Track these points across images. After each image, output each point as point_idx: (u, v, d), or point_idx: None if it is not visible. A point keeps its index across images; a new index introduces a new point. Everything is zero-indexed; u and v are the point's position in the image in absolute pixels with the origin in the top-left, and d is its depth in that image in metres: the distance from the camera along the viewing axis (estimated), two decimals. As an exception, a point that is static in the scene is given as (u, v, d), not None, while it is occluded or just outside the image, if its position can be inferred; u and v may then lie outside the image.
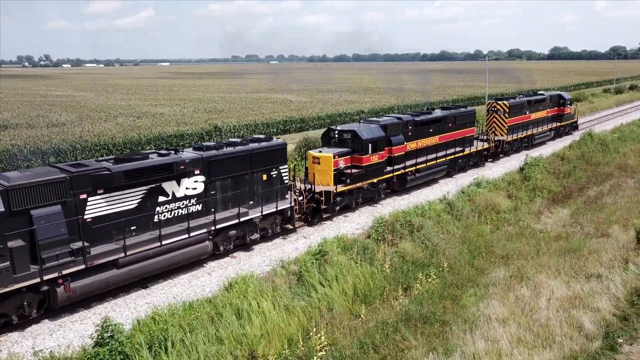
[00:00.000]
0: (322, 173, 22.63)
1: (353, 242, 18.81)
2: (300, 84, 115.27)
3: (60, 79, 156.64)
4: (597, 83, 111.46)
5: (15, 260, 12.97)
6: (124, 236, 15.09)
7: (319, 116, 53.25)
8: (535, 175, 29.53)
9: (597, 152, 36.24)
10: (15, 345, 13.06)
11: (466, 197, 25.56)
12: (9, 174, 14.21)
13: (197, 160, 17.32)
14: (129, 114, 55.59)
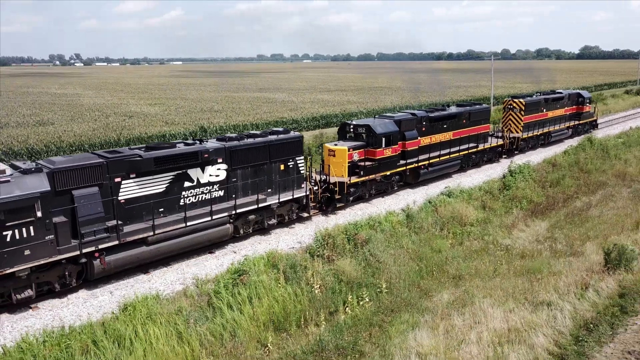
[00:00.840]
0: (337, 165, 23.92)
1: (283, 258, 17.42)
2: (306, 83, 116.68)
3: (77, 78, 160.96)
4: (621, 84, 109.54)
5: (59, 234, 14.67)
6: (152, 217, 16.70)
7: (314, 117, 52.98)
8: (516, 184, 28.03)
9: (595, 159, 34.64)
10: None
11: (432, 207, 24.04)
12: (54, 158, 15.95)
13: (220, 150, 18.82)
14: (123, 113, 56.45)
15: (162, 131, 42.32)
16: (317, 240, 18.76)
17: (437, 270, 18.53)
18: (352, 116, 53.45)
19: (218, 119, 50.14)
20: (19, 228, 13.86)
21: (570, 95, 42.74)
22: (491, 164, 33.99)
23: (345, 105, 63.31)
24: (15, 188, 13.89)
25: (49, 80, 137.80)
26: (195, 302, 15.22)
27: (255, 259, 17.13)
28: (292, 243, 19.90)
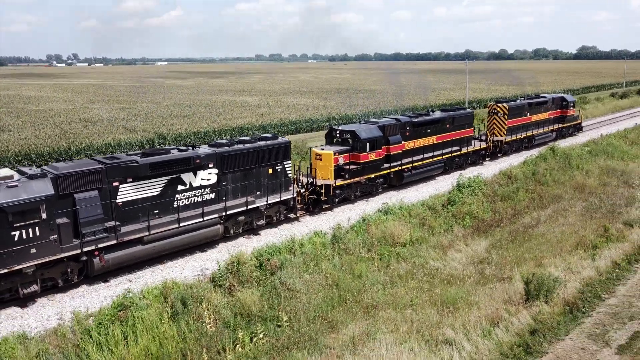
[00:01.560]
0: (323, 168, 25.31)
1: (178, 288, 16.25)
2: (288, 85, 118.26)
3: (63, 79, 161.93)
4: (609, 86, 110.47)
5: (62, 234, 16.03)
6: (148, 218, 18.06)
7: (283, 122, 52.86)
8: (463, 199, 26.75)
9: (556, 170, 33.62)
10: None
11: (365, 225, 22.71)
12: (57, 164, 17.30)
13: (212, 155, 20.20)
14: (88, 118, 55.80)
15: (117, 139, 41.92)
16: (220, 270, 17.37)
17: (352, 298, 16.88)
18: (321, 122, 54.56)
19: (182, 125, 50.19)
20: (26, 229, 15.22)
21: (554, 99, 44.22)
22: (475, 166, 35.42)
23: (321, 110, 63.51)
24: (22, 192, 15.24)
25: (32, 82, 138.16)
26: (62, 343, 13.71)
27: (147, 289, 16.08)
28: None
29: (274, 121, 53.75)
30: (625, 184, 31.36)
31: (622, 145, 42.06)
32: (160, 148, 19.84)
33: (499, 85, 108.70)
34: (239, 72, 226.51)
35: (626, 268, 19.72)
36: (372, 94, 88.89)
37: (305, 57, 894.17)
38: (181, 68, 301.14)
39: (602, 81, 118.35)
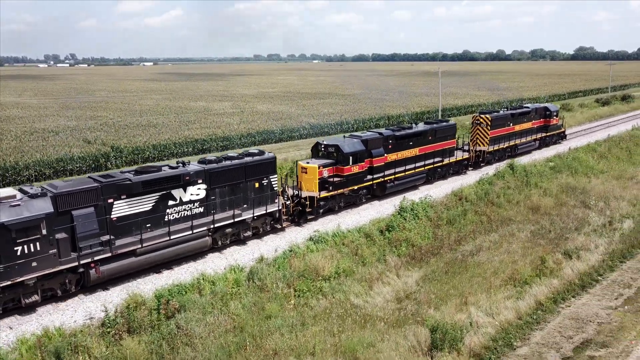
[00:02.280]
0: (309, 181, 26.78)
1: (57, 337, 15.13)
2: (271, 89, 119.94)
3: (48, 82, 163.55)
4: (597, 90, 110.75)
5: (61, 248, 17.46)
6: (140, 232, 19.50)
7: (250, 133, 51.57)
8: (404, 224, 25.51)
9: (511, 189, 32.59)
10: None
11: (288, 257, 21.30)
12: (56, 182, 18.74)
13: (200, 172, 21.64)
14: (50, 129, 54.38)
15: (71, 153, 40.42)
16: (108, 317, 16.22)
17: (254, 344, 15.29)
18: (289, 132, 54.23)
19: (145, 137, 48.94)
20: (28, 244, 16.65)
21: (537, 109, 45.71)
22: (458, 175, 36.88)
23: (294, 118, 63.08)
24: (25, 210, 16.68)
25: (17, 85, 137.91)
26: None
27: (21, 339, 15.06)
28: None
29: (240, 132, 52.31)
30: (582, 204, 31.10)
31: (589, 160, 41.81)
32: (152, 165, 21.21)
33: (477, 90, 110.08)
34: (228, 73, 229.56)
35: (549, 309, 18.92)
36: (349, 99, 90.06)
37: (304, 57, 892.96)
38: (170, 69, 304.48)
39: (591, 85, 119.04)
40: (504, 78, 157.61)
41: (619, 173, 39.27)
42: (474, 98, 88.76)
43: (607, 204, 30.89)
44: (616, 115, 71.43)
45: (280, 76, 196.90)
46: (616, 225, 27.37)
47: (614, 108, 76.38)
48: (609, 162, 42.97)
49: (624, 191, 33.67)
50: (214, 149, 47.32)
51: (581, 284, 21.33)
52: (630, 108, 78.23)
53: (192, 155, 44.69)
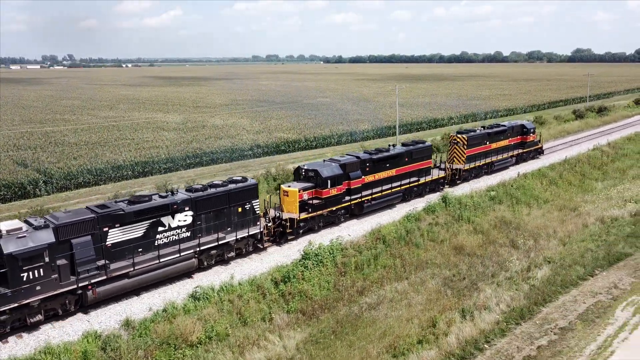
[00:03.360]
0: (290, 203, 29.09)
1: None
2: (244, 96, 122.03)
3: (35, 85, 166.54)
4: (579, 99, 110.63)
5: (61, 273, 19.77)
6: (133, 256, 21.81)
7: (170, 158, 48.37)
8: (303, 273, 23.69)
9: (437, 226, 31.41)
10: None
11: (161, 318, 20.04)
12: (57, 214, 21.07)
13: (187, 200, 23.96)
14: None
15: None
16: None
17: None
18: (230, 153, 52.71)
19: (83, 160, 46.70)
20: (32, 270, 18.96)
21: (514, 127, 48.06)
22: (434, 193, 39.16)
23: (245, 135, 61.56)
24: (30, 241, 18.99)
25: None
26: None
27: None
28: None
29: (160, 156, 49.17)
30: (511, 242, 30.63)
31: (537, 187, 41.35)
32: (143, 195, 23.51)
33: (446, 98, 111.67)
34: (213, 77, 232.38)
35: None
36: (315, 108, 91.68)
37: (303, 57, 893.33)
38: (158, 72, 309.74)
39: (575, 93, 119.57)
40: (489, 85, 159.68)
41: (564, 202, 39.02)
42: (438, 111, 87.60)
43: (537, 243, 30.67)
44: (585, 130, 70.25)
45: (265, 80, 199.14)
46: (532, 273, 26.30)
47: (585, 123, 75.06)
48: (559, 188, 42.66)
49: (560, 226, 33.70)
50: (156, 172, 46.20)
51: (461, 355, 19.24)
52: (602, 122, 77.56)
53: (132, 179, 44.23)
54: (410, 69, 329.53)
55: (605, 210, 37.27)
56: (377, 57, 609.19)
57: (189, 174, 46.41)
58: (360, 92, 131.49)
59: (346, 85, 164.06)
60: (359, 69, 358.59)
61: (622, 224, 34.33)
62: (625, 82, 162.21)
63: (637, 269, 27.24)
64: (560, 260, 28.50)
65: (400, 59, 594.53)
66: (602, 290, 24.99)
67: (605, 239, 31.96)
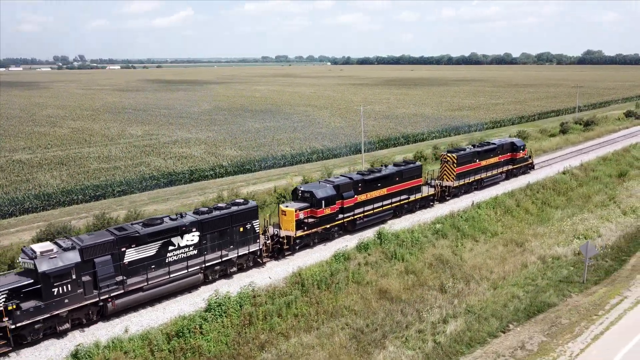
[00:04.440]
0: (287, 222, 32.18)
1: None
2: (228, 102, 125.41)
3: (31, 90, 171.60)
4: (572, 109, 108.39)
5: (86, 288, 23.02)
6: (146, 272, 25.02)
7: (153, 176, 48.33)
8: (200, 326, 22.72)
9: (366, 266, 30.07)
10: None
11: None
12: (82, 236, 24.33)
13: (195, 222, 27.13)
14: None
15: None
16: None
17: None
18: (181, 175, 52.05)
19: (29, 185, 46.51)
20: (62, 286, 22.22)
21: (504, 144, 50.72)
22: (425, 209, 42.03)
23: (199, 158, 59.98)
24: (59, 261, 22.26)
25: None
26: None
27: None
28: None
29: (114, 179, 48.95)
30: (440, 286, 29.48)
31: (489, 218, 40.08)
32: (156, 218, 26.69)
33: (434, 107, 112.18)
34: (208, 81, 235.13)
35: None
36: (285, 118, 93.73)
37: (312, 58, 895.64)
38: (152, 75, 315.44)
39: (570, 103, 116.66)
40: (486, 91, 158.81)
41: (513, 236, 37.75)
42: (420, 124, 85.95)
43: (468, 286, 29.54)
44: (564, 148, 68.22)
45: (259, 85, 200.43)
46: (443, 327, 25.02)
47: (565, 139, 72.84)
48: (514, 218, 41.69)
49: (499, 265, 32.70)
50: (109, 195, 46.22)
51: None
52: (584, 138, 75.26)
53: (82, 204, 44.00)
54: (415, 72, 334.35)
55: (550, 247, 36.11)
56: (385, 59, 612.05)
57: (142, 197, 46.20)
58: (350, 100, 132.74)
59: (339, 91, 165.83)
60: (363, 71, 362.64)
61: (561, 264, 33.44)
62: (626, 89, 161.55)
63: (553, 324, 25.69)
64: (480, 310, 26.90)
65: (409, 61, 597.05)
66: (506, 351, 23.25)
67: (537, 283, 30.70)
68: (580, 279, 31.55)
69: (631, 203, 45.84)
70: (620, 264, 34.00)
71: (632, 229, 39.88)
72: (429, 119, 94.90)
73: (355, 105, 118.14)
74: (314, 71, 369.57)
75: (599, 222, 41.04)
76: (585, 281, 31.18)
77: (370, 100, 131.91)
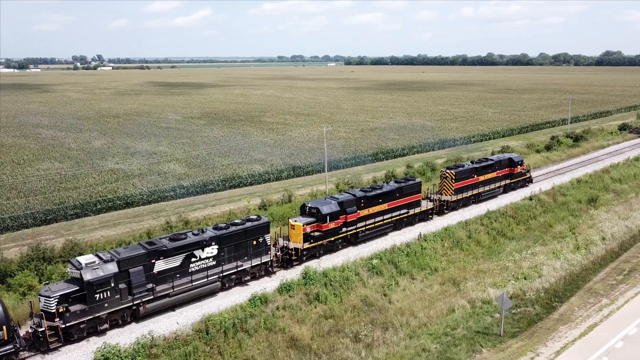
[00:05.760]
0: (295, 235, 35.98)
1: None
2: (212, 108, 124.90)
3: (41, 92, 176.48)
4: (571, 119, 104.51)
5: (122, 294, 27.10)
6: (172, 280, 29.02)
7: (77, 204, 46.19)
8: None
9: (283, 310, 28.79)
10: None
11: None
12: (119, 250, 28.41)
13: (214, 237, 31.06)
14: None
15: None
16: None
17: None
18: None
19: None
20: (102, 292, 26.31)
21: (502, 160, 53.87)
22: (424, 222, 45.50)
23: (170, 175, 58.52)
24: (100, 271, 26.35)
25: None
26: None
27: None
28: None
29: (68, 202, 47.64)
30: (355, 334, 27.63)
31: (434, 252, 38.28)
32: (181, 233, 30.69)
33: (427, 116, 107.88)
34: (210, 84, 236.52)
35: None
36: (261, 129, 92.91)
37: (328, 58, 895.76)
38: (161, 76, 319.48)
39: (565, 114, 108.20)
40: (486, 98, 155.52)
41: (453, 273, 35.82)
42: (402, 139, 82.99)
43: (384, 334, 27.88)
44: (543, 167, 66.04)
45: (258, 89, 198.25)
46: None
47: (546, 157, 69.89)
48: (463, 251, 39.86)
49: (425, 310, 30.57)
50: (62, 219, 45.09)
51: None
52: (568, 155, 72.16)
53: (32, 228, 43.47)
54: (426, 73, 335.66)
55: (484, 288, 33.43)
56: (398, 60, 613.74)
57: (94, 221, 45.55)
58: (339, 108, 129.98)
59: (335, 97, 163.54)
60: (372, 73, 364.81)
61: (489, 310, 30.91)
62: (633, 97, 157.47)
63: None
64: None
65: (423, 61, 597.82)
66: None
67: (456, 333, 28.45)
68: (499, 330, 28.78)
69: (589, 235, 42.70)
70: (548, 312, 30.94)
71: (577, 269, 36.46)
72: (415, 130, 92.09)
73: (346, 113, 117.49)
74: (323, 72, 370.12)
75: (546, 259, 38.06)
76: (502, 334, 28.44)
77: (363, 108, 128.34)
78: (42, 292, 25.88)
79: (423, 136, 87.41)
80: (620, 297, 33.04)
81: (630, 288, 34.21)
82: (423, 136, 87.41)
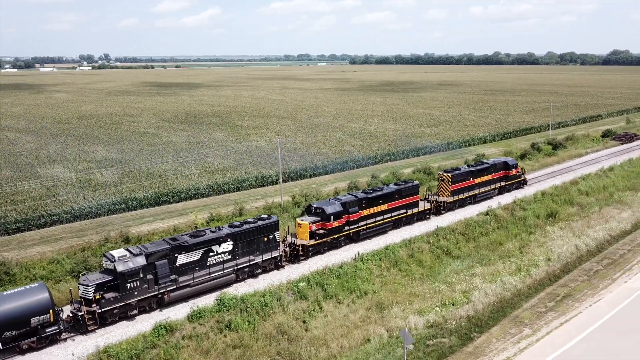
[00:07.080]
0: (302, 233, 39.48)
1: None
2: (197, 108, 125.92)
3: (38, 93, 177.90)
4: (558, 124, 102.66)
5: (149, 284, 30.70)
6: (193, 272, 32.59)
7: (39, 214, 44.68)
8: None
9: (192, 339, 27.41)
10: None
11: None
12: (146, 245, 31.99)
13: (230, 234, 34.58)
14: None
15: None
16: None
17: None
18: None
19: None
20: (132, 282, 29.90)
21: (497, 163, 57.08)
22: (421, 221, 48.85)
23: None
24: (131, 263, 29.95)
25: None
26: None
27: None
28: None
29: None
30: None
31: (369, 272, 36.21)
32: (200, 230, 34.23)
33: (409, 122, 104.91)
34: (205, 84, 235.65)
35: None
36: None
37: (334, 56, 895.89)
38: (160, 75, 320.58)
39: (554, 118, 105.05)
40: (476, 100, 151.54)
41: (383, 297, 33.30)
42: (380, 145, 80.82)
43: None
44: None
45: (247, 90, 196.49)
46: None
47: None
48: (401, 271, 37.24)
49: (342, 337, 28.59)
50: (2, 232, 43.80)
51: None
52: (541, 165, 70.11)
53: None
54: (429, 73, 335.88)
55: (407, 316, 31.08)
56: (404, 59, 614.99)
57: (35, 236, 43.50)
58: (324, 112, 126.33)
59: (323, 99, 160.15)
60: (374, 73, 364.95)
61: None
62: (628, 99, 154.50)
63: None
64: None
65: (428, 61, 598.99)
66: None
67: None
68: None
69: (536, 255, 40.52)
70: (464, 344, 28.61)
71: (509, 294, 34.24)
72: (391, 138, 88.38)
73: (328, 116, 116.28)
74: (324, 72, 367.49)
75: (482, 282, 35.75)
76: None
77: (349, 112, 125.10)
78: (81, 281, 29.55)
79: (400, 143, 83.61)
80: (544, 326, 30.39)
81: (558, 317, 31.54)
82: (400, 143, 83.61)
